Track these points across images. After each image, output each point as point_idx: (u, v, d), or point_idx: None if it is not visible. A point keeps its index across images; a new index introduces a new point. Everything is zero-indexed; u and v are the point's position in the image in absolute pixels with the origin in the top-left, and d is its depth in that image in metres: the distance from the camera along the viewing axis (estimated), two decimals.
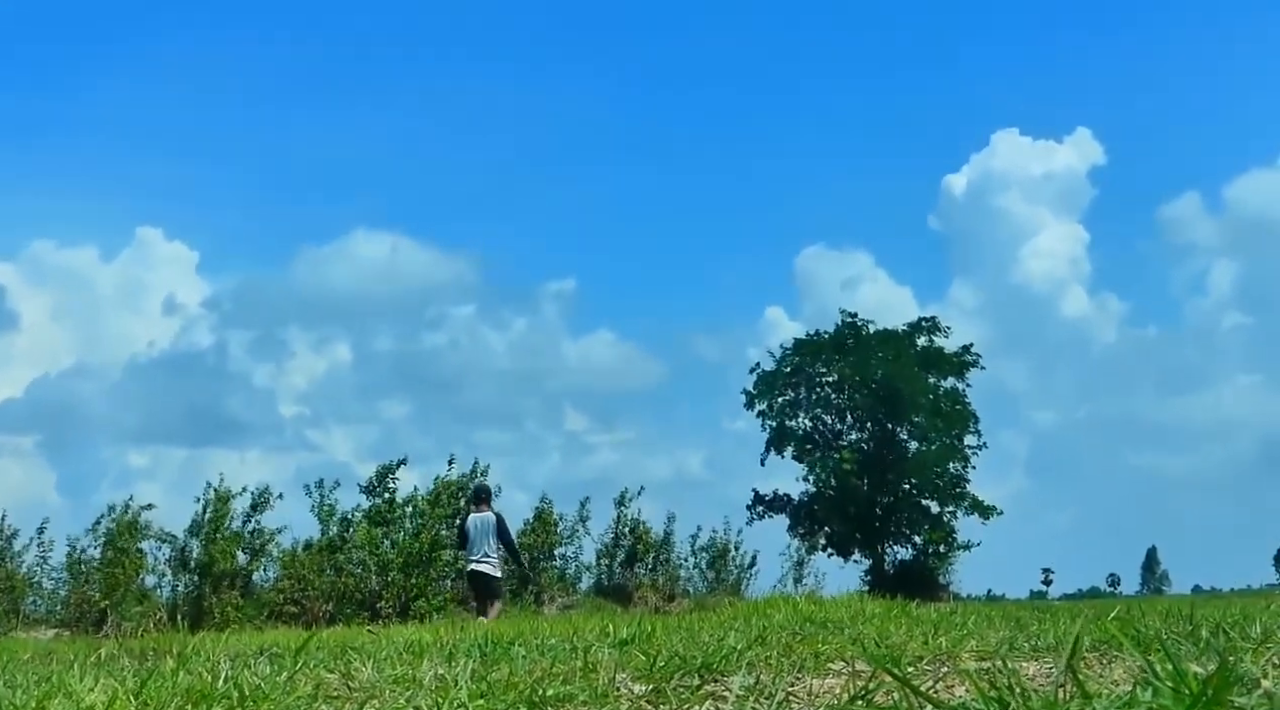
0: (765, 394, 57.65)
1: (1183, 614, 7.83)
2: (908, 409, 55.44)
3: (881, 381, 55.07)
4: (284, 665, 5.85)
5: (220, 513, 30.89)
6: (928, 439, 55.83)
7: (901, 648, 6.12)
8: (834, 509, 55.23)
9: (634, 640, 7.28)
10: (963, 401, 56.55)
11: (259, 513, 31.73)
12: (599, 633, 8.54)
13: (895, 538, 56.04)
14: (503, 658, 6.17)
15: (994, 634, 7.24)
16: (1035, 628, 7.77)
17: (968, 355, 57.25)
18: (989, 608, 18.21)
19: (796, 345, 58.38)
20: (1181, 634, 5.67)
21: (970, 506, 55.06)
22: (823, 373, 57.77)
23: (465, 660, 5.68)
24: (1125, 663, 4.57)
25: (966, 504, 55.09)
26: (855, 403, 56.85)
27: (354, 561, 31.21)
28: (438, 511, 31.89)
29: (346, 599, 30.16)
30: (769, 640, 7.09)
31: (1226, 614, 7.54)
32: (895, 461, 55.64)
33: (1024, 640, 6.50)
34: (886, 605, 15.83)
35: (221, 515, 30.91)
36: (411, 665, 5.73)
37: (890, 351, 56.06)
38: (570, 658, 5.92)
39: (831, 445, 56.91)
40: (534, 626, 12.12)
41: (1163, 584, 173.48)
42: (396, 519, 31.92)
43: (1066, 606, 18.30)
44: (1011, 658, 5.33)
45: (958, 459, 55.66)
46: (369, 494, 32.27)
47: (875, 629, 8.37)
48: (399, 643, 8.61)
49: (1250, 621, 6.16)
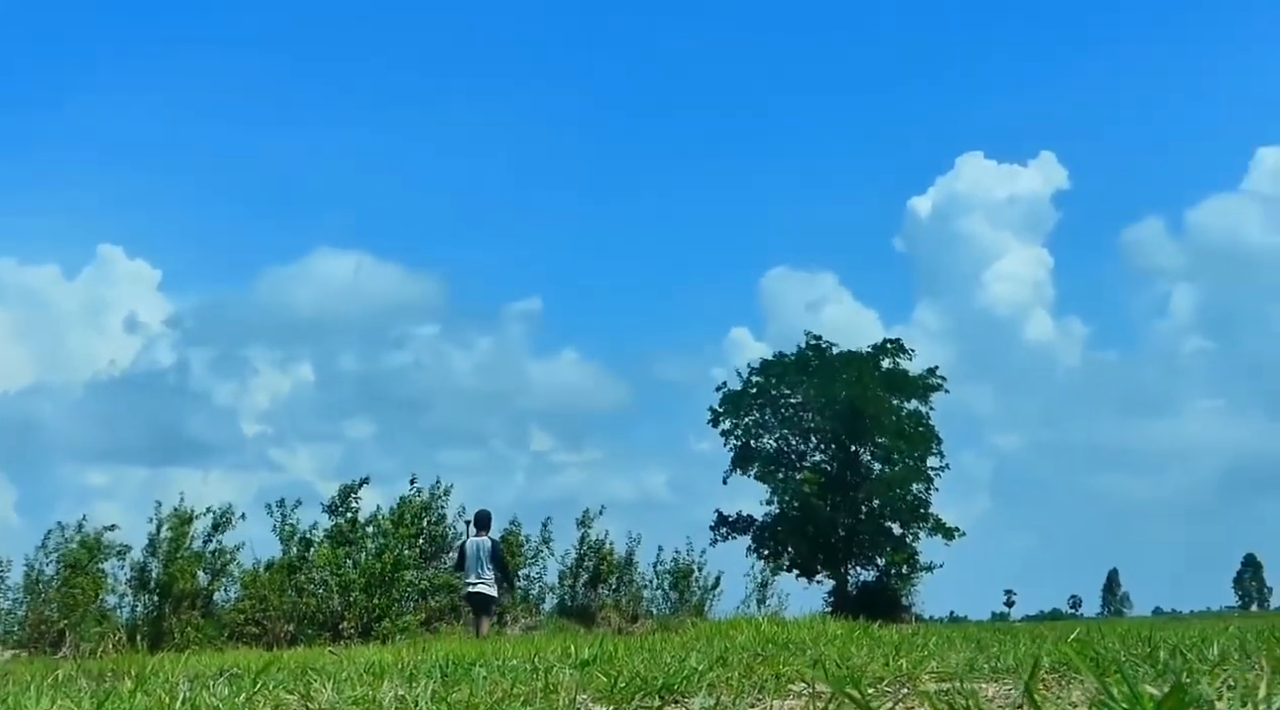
0: (730, 414, 57.73)
1: (1142, 636, 7.88)
2: (871, 430, 55.59)
3: (845, 403, 55.18)
4: (243, 686, 5.82)
5: (180, 533, 30.64)
6: (891, 460, 55.97)
7: (862, 669, 6.13)
8: (797, 530, 55.28)
9: (596, 661, 7.27)
10: (926, 423, 56.74)
11: (220, 532, 31.51)
12: (561, 653, 8.53)
13: (858, 559, 56.12)
14: (464, 679, 6.15)
15: (955, 655, 7.26)
16: (996, 649, 7.79)
17: (932, 377, 57.46)
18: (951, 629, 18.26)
19: (762, 366, 58.53)
20: (1140, 656, 5.70)
21: (933, 528, 55.21)
22: (787, 393, 57.88)
23: (426, 681, 5.67)
24: (1084, 685, 4.59)
25: (929, 526, 55.23)
26: (819, 424, 56.96)
27: (316, 582, 31.00)
28: (401, 531, 31.74)
29: (308, 619, 29.96)
30: (730, 661, 7.08)
31: (1185, 636, 7.59)
32: (859, 482, 55.76)
33: (984, 662, 6.51)
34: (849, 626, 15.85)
35: (181, 535, 30.67)
36: (372, 686, 5.71)
37: (854, 373, 56.18)
38: (531, 679, 5.91)
39: (795, 466, 57.00)
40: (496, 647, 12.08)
41: (1123, 606, 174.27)
42: (359, 539, 31.74)
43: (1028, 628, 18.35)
44: (971, 679, 5.35)
45: (921, 480, 55.81)
46: (331, 513, 32.09)
47: (837, 650, 8.38)
48: (360, 664, 8.57)
49: (1208, 644, 6.20)
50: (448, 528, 33.51)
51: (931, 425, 56.81)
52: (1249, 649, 5.72)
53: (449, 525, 33.54)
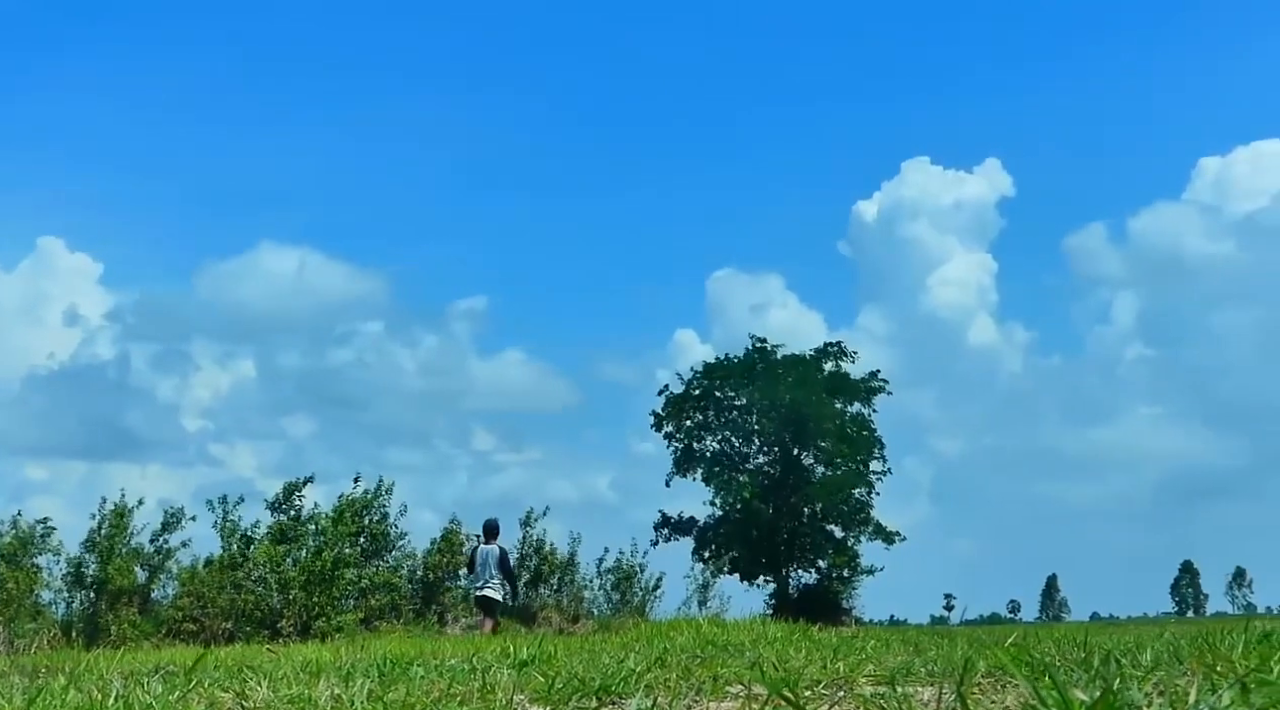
0: (673, 416, 57.70)
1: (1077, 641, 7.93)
2: (814, 434, 55.68)
3: (789, 406, 55.25)
4: (177, 684, 5.77)
5: (118, 528, 30.37)
6: (833, 464, 56.07)
7: (800, 672, 6.14)
8: (739, 532, 55.31)
9: (534, 662, 7.26)
10: (869, 427, 56.89)
11: (169, 532, 31.31)
12: (500, 654, 8.50)
13: (800, 561, 56.21)
14: (401, 678, 6.12)
15: (892, 659, 7.29)
16: (933, 653, 7.83)
17: (874, 381, 57.63)
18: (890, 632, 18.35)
19: (705, 369, 58.50)
20: (1074, 661, 5.74)
21: (874, 532, 55.35)
22: (731, 396, 57.89)
23: (363, 680, 5.64)
24: (1017, 689, 4.62)
25: (870, 529, 55.37)
26: (762, 426, 57.01)
27: (255, 579, 30.80)
28: (340, 529, 31.58)
29: (247, 617, 29.77)
30: (669, 663, 7.08)
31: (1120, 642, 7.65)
32: (801, 485, 55.83)
33: (921, 665, 6.54)
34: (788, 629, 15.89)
35: (120, 531, 30.40)
36: (308, 685, 5.67)
37: (798, 376, 56.25)
38: (469, 679, 5.89)
39: (738, 468, 57.01)
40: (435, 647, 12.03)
41: (1062, 611, 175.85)
42: (299, 537, 31.57)
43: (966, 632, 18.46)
44: (907, 683, 5.37)
45: (863, 484, 55.95)
46: (275, 511, 31.90)
47: (775, 652, 8.40)
48: (297, 662, 8.52)
49: (1142, 650, 6.24)
50: (389, 526, 33.42)
51: (874, 429, 57.01)
52: (1181, 655, 5.76)
53: (391, 523, 33.46)
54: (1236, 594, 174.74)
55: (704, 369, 58.55)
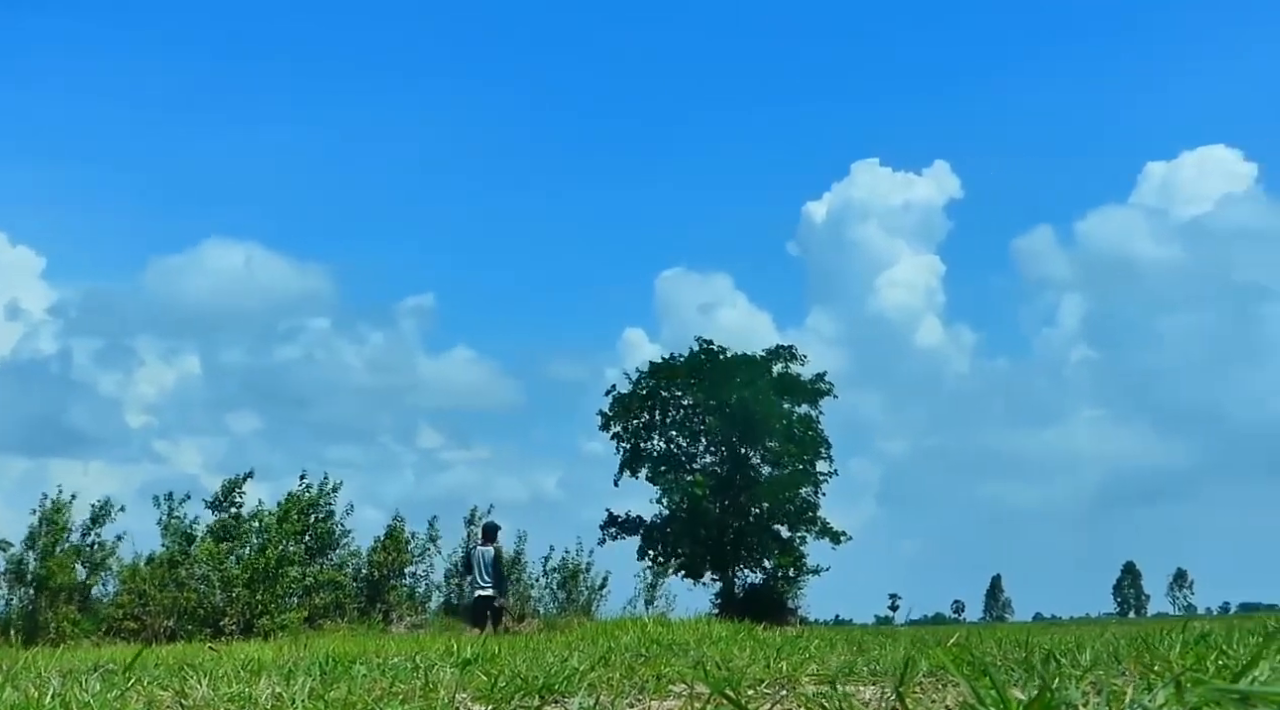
0: (620, 416, 57.65)
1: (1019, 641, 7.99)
2: (761, 434, 55.78)
3: (736, 406, 55.33)
4: (116, 682, 5.72)
5: (57, 525, 30.08)
6: (780, 464, 56.15)
7: (743, 671, 6.16)
8: (685, 531, 55.32)
9: (478, 660, 7.24)
10: (816, 428, 57.01)
11: (99, 526, 30.99)
12: (443, 652, 8.48)
13: (746, 561, 56.25)
14: (343, 677, 6.09)
15: (835, 658, 7.31)
16: (876, 652, 7.87)
17: (822, 383, 57.78)
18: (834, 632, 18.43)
19: (652, 369, 58.46)
20: (1015, 661, 5.78)
21: (820, 532, 55.45)
22: (678, 396, 57.91)
23: (304, 679, 5.61)
24: (958, 688, 4.65)
25: (816, 529, 55.48)
26: (709, 426, 57.04)
27: (197, 577, 30.56)
28: (285, 527, 31.38)
29: (189, 615, 29.54)
30: (613, 661, 7.09)
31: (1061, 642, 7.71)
32: (747, 485, 55.88)
33: (863, 665, 6.57)
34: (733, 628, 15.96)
35: (60, 527, 30.11)
36: (249, 684, 5.63)
37: (746, 376, 56.32)
38: (412, 677, 5.88)
39: (685, 468, 57.02)
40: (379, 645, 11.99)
41: (1005, 611, 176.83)
42: (243, 534, 31.34)
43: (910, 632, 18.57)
44: (849, 682, 5.39)
45: (809, 484, 56.06)
46: (215, 509, 31.66)
47: (720, 652, 8.42)
48: (239, 660, 8.47)
49: (1082, 649, 6.30)
50: (335, 524, 33.26)
51: (821, 430, 57.12)
52: (1120, 655, 5.82)
53: (336, 522, 33.30)
54: (1177, 595, 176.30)
55: (651, 369, 58.51)
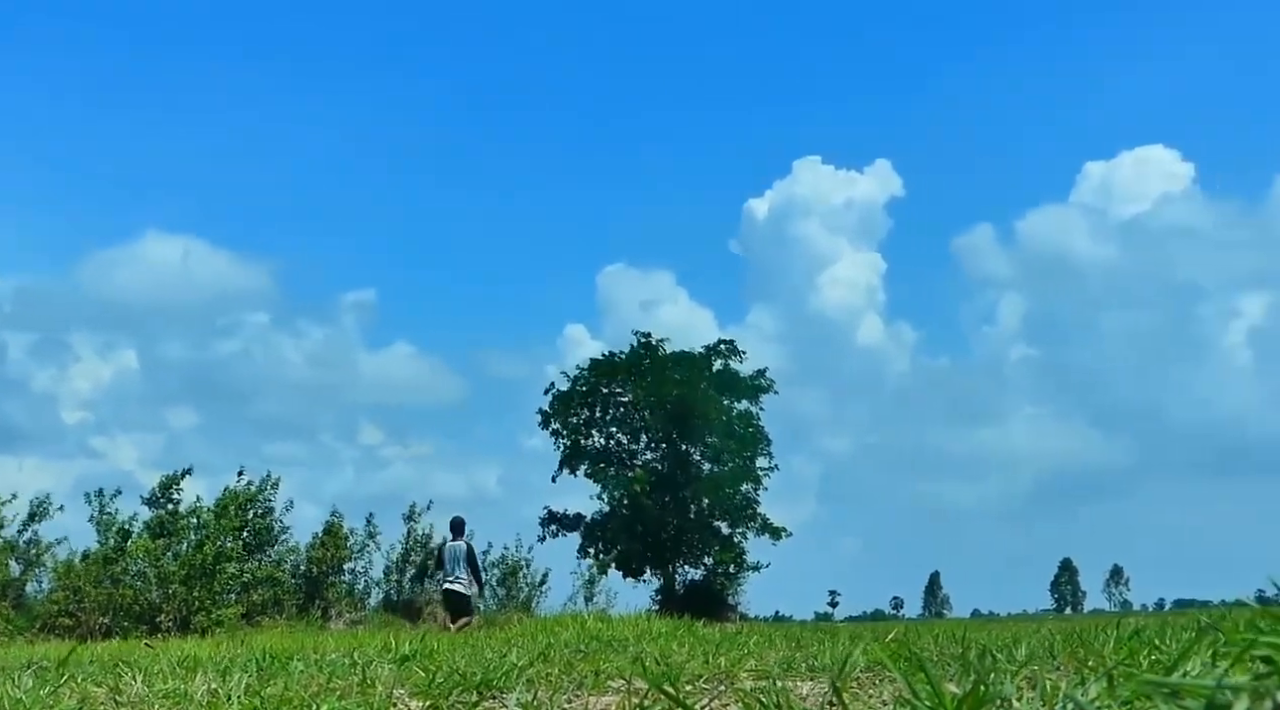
0: (560, 413, 57.59)
1: (956, 637, 8.05)
2: (701, 430, 55.85)
3: (676, 402, 55.37)
4: (49, 679, 5.67)
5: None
6: (721, 460, 56.26)
7: (682, 667, 6.17)
8: (625, 528, 55.35)
9: (416, 656, 7.22)
10: (756, 424, 57.13)
11: (36, 522, 30.65)
12: (381, 648, 8.45)
13: (686, 557, 56.31)
14: (280, 673, 6.06)
15: (774, 654, 7.34)
16: (815, 648, 7.90)
17: (762, 379, 57.89)
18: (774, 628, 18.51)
19: (592, 365, 58.43)
20: (952, 656, 5.82)
21: (760, 528, 55.59)
22: (618, 392, 57.92)
23: (241, 675, 5.57)
24: (894, 684, 4.67)
25: (757, 526, 55.61)
26: (649, 423, 57.07)
27: (133, 573, 30.26)
28: (224, 523, 31.14)
29: (124, 612, 29.24)
30: (552, 657, 7.09)
31: (997, 638, 7.77)
32: (688, 482, 55.93)
33: (802, 661, 6.60)
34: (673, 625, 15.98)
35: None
36: (184, 680, 5.59)
37: (686, 373, 56.39)
38: (349, 673, 5.85)
39: (625, 464, 57.06)
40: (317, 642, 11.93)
41: (944, 608, 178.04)
42: (180, 530, 31.07)
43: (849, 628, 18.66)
44: (787, 677, 5.41)
45: (750, 481, 56.17)
46: (151, 505, 31.36)
47: (659, 648, 8.44)
48: (175, 657, 8.41)
49: (1018, 645, 6.35)
50: (274, 521, 33.05)
51: (761, 426, 57.27)
52: (1056, 650, 5.87)
53: (275, 518, 33.09)
54: (1114, 591, 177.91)
55: (590, 366, 58.49)
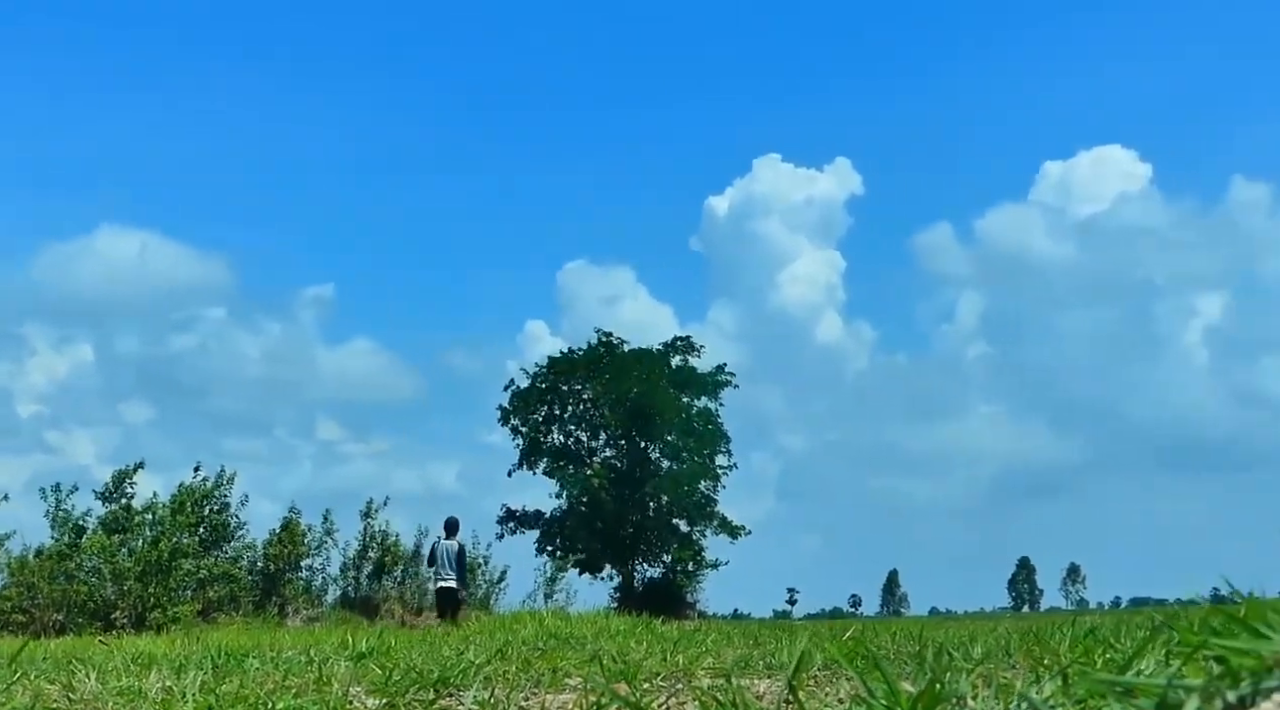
0: (520, 410, 57.55)
1: (913, 635, 8.07)
2: (660, 428, 55.88)
3: (635, 400, 55.40)
4: (2, 676, 5.61)
5: None
6: (680, 458, 56.35)
7: (639, 664, 6.17)
8: (584, 525, 55.37)
9: (373, 654, 7.20)
10: (715, 422, 57.23)
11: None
12: (338, 646, 8.42)
13: (645, 555, 56.39)
14: (235, 670, 6.03)
15: (731, 652, 7.36)
16: (772, 646, 7.92)
17: (721, 375, 57.96)
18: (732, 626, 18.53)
19: (551, 362, 58.42)
20: (908, 654, 5.84)
21: (719, 526, 55.71)
22: (578, 389, 57.93)
23: (196, 672, 5.54)
24: (851, 681, 4.68)
25: (715, 523, 55.71)
26: (608, 420, 57.08)
27: (88, 569, 30.03)
28: (179, 519, 30.94)
29: (79, 608, 29.02)
30: (510, 655, 7.08)
31: (954, 636, 7.80)
32: (646, 479, 55.98)
33: (759, 659, 6.61)
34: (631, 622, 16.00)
35: None
36: (139, 677, 5.55)
37: (645, 370, 56.42)
38: (305, 671, 5.83)
39: (584, 462, 57.06)
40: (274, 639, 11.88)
41: (902, 606, 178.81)
42: (135, 526, 30.85)
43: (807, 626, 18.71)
44: (744, 676, 5.41)
45: (708, 478, 56.27)
46: (105, 500, 31.13)
47: (617, 645, 8.43)
48: (129, 653, 8.35)
49: (974, 643, 6.38)
50: (230, 516, 32.86)
51: (720, 424, 57.39)
52: (1011, 648, 5.90)
53: (231, 514, 32.90)
54: (1070, 590, 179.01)
55: (549, 363, 58.50)
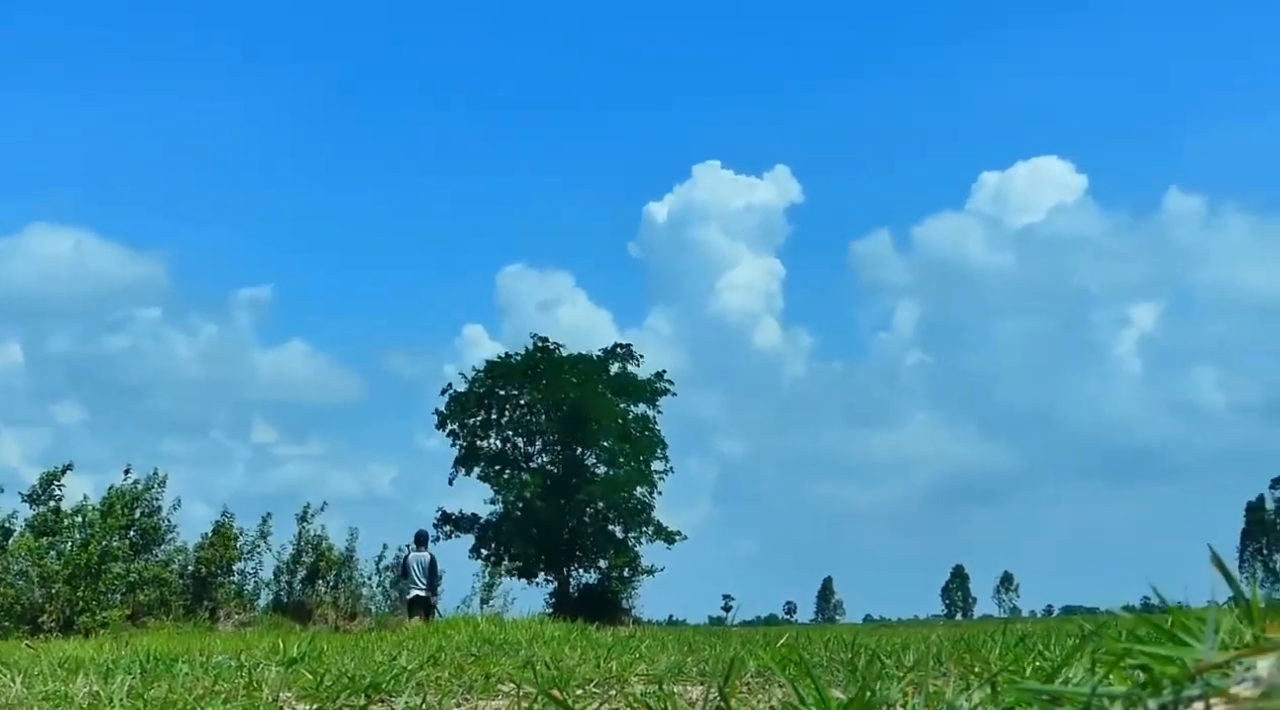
0: (457, 414, 57.45)
1: (846, 642, 8.11)
2: (596, 433, 55.91)
3: (572, 405, 55.42)
4: None
5: None
6: (616, 464, 56.38)
7: (573, 670, 6.17)
8: (520, 530, 55.33)
9: (304, 659, 7.15)
10: (652, 428, 57.32)
11: None
12: (269, 650, 8.36)
13: (580, 561, 56.37)
14: (164, 675, 5.97)
15: (665, 658, 7.36)
16: (706, 652, 7.94)
17: (659, 381, 58.06)
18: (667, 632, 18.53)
19: (489, 367, 58.35)
20: (841, 661, 5.86)
21: (655, 532, 55.78)
22: (515, 395, 57.88)
23: (124, 677, 5.49)
24: (783, 688, 4.70)
25: (651, 530, 55.79)
26: (545, 425, 57.09)
27: (14, 572, 29.66)
28: (109, 522, 30.61)
29: (5, 612, 28.67)
30: (442, 661, 7.06)
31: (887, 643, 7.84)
32: (582, 485, 55.99)
33: (693, 665, 6.62)
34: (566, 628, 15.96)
35: None
36: (65, 682, 5.50)
37: (582, 376, 56.46)
38: (235, 676, 5.78)
39: (520, 467, 57.03)
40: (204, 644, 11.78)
41: (837, 613, 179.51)
42: (64, 529, 30.51)
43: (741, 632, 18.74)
44: (677, 682, 5.42)
45: (644, 484, 56.36)
46: (32, 502, 30.76)
47: (551, 651, 8.42)
48: (56, 658, 8.26)
49: (906, 651, 6.41)
50: (161, 519, 32.59)
51: (657, 429, 57.47)
52: (943, 656, 5.93)
53: (163, 517, 32.63)
54: (1003, 597, 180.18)
55: (487, 367, 58.43)
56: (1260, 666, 1.52)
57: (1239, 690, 1.50)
